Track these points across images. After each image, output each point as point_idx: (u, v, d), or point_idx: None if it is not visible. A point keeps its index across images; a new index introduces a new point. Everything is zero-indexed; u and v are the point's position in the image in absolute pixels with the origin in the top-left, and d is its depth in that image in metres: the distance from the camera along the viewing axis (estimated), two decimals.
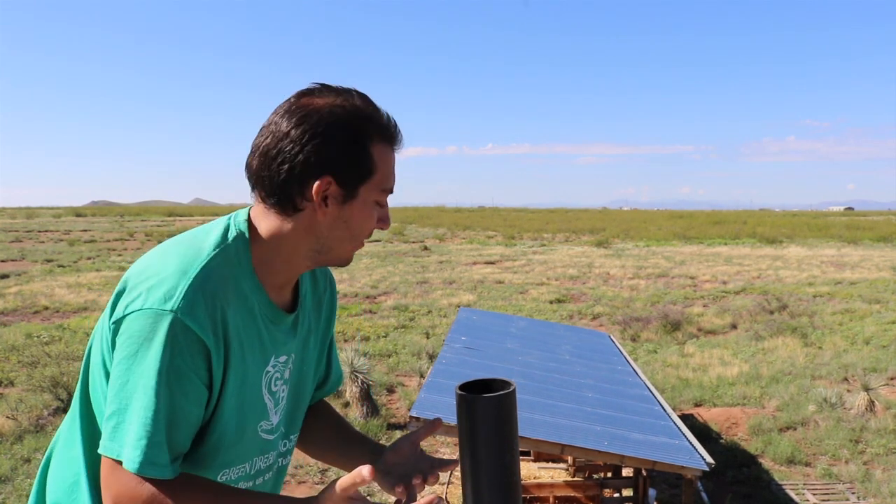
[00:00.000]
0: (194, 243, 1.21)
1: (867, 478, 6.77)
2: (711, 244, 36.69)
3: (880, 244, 35.82)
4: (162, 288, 1.12)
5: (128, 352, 1.12)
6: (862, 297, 16.98)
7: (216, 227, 1.25)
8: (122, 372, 1.12)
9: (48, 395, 8.08)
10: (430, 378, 5.17)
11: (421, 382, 9.10)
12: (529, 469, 6.65)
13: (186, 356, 1.12)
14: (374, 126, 1.21)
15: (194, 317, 1.11)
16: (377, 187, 1.22)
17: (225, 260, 1.19)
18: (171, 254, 1.19)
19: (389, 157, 1.23)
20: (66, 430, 1.32)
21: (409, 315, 14.84)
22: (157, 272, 1.15)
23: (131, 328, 1.12)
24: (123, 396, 1.11)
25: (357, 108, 1.20)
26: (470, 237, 41.38)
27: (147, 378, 1.10)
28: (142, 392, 1.10)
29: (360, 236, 1.25)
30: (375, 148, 1.21)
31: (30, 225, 48.70)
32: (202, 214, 74.54)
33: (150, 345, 1.10)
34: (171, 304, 1.10)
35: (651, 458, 4.29)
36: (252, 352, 1.24)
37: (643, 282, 20.63)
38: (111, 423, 1.12)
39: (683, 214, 78.18)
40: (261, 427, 1.31)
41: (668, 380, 9.99)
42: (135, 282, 1.16)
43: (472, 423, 1.34)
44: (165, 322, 1.10)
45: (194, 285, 1.13)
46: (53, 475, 1.30)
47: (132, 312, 1.12)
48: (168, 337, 1.10)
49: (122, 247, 31.44)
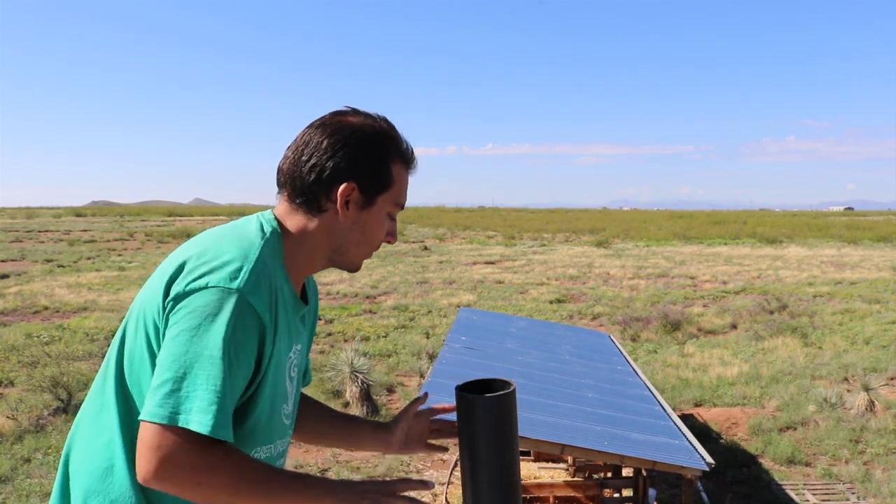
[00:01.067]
0: (244, 233, 1.31)
1: (867, 478, 6.77)
2: (711, 244, 36.69)
3: (880, 244, 35.82)
4: (227, 268, 1.21)
5: (190, 324, 1.18)
6: (862, 297, 16.98)
7: (251, 222, 1.35)
8: (181, 343, 1.17)
9: (48, 395, 8.07)
10: (430, 378, 5.17)
11: (421, 382, 9.10)
12: (529, 469, 6.64)
13: (247, 332, 1.20)
14: (395, 147, 1.37)
15: (257, 296, 1.21)
16: (392, 200, 1.38)
17: (270, 250, 1.30)
18: (226, 240, 1.28)
19: (405, 177, 1.39)
20: (89, 419, 1.33)
21: (409, 315, 14.84)
22: (218, 255, 1.23)
23: (195, 303, 1.18)
24: (182, 365, 1.16)
25: (384, 129, 1.37)
26: (470, 237, 41.38)
27: (212, 349, 1.16)
28: (207, 362, 1.16)
29: (372, 243, 1.39)
30: (395, 166, 1.37)
31: (30, 225, 48.69)
32: (202, 214, 74.53)
33: (216, 319, 1.17)
34: (237, 282, 1.19)
35: (651, 458, 4.29)
36: (284, 338, 1.33)
37: (643, 282, 20.63)
38: (164, 389, 1.15)
39: (683, 214, 78.17)
40: (283, 410, 1.39)
41: (668, 380, 9.99)
42: (196, 263, 1.23)
43: (472, 423, 1.34)
44: (232, 299, 1.18)
45: (256, 268, 1.23)
46: (81, 466, 1.31)
47: (198, 290, 1.19)
48: (234, 312, 1.18)
49: (122, 247, 31.42)
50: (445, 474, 6.70)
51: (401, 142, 1.38)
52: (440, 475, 6.79)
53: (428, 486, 1.35)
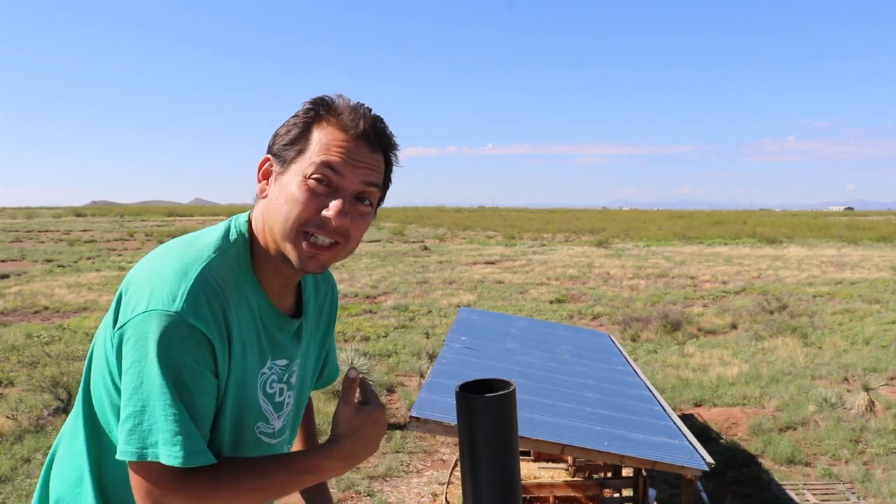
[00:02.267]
0: (193, 245, 1.23)
1: (867, 478, 6.77)
2: (711, 244, 36.68)
3: (880, 244, 35.81)
4: (164, 290, 1.13)
5: (138, 355, 1.12)
6: (862, 297, 16.98)
7: (217, 229, 1.28)
8: (134, 375, 1.12)
9: (48, 395, 8.07)
10: (430, 378, 5.17)
11: (421, 382, 9.10)
12: (529, 469, 6.64)
13: (196, 354, 1.13)
14: (325, 109, 1.21)
15: (199, 316, 1.12)
16: (307, 162, 1.19)
17: (225, 261, 1.21)
18: (170, 257, 1.20)
19: (334, 138, 1.19)
20: (69, 428, 1.33)
21: (409, 315, 14.83)
22: (157, 275, 1.16)
23: (138, 332, 1.12)
24: (139, 398, 1.12)
25: (323, 97, 1.23)
26: (470, 237, 41.37)
27: (162, 378, 1.11)
28: (159, 392, 1.11)
29: (292, 215, 1.18)
30: (319, 126, 1.21)
31: (30, 225, 48.69)
32: (202, 214, 74.53)
33: (159, 346, 1.11)
34: (175, 305, 1.12)
35: (651, 458, 4.29)
36: (251, 352, 1.25)
37: (643, 282, 20.63)
38: (128, 425, 1.12)
39: (683, 214, 78.17)
40: (258, 429, 1.31)
41: (668, 380, 9.99)
42: (136, 287, 1.17)
43: (472, 423, 1.35)
44: (171, 323, 1.11)
45: (195, 286, 1.14)
46: (57, 472, 1.31)
47: (136, 316, 1.13)
48: (177, 337, 1.11)
49: (122, 247, 31.43)
50: (445, 474, 6.70)
51: (340, 105, 1.21)
52: (440, 475, 6.79)
53: (349, 374, 1.26)
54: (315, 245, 1.19)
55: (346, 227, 1.19)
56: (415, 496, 6.34)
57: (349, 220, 1.19)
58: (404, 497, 6.31)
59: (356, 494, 6.29)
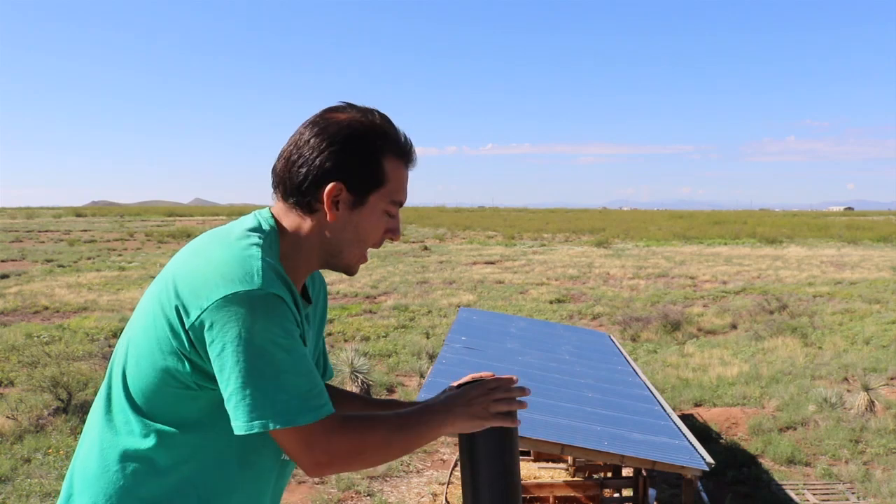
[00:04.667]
0: (234, 233, 1.28)
1: (867, 478, 6.77)
2: (711, 244, 36.68)
3: (880, 244, 35.81)
4: (237, 272, 1.18)
5: (232, 335, 1.16)
6: (862, 297, 16.98)
7: (247, 221, 1.32)
8: (232, 353, 1.16)
9: (48, 395, 8.07)
10: (430, 378, 5.17)
11: (421, 382, 9.10)
12: (529, 469, 6.64)
13: (287, 322, 1.20)
14: (388, 142, 1.31)
15: (277, 288, 1.19)
16: (387, 197, 1.32)
17: (268, 247, 1.28)
18: (222, 246, 1.25)
19: (401, 173, 1.33)
20: (98, 428, 1.31)
21: (409, 315, 14.84)
22: (220, 262, 1.21)
23: (225, 315, 1.16)
24: (247, 373, 1.16)
25: (375, 124, 1.31)
26: (470, 237, 41.38)
27: (268, 347, 1.16)
28: (267, 362, 1.16)
29: (367, 241, 1.34)
30: (388, 161, 1.31)
31: (30, 225, 48.67)
32: (202, 214, 74.52)
33: (256, 321, 1.16)
34: (256, 282, 1.17)
35: (651, 458, 4.29)
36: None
37: (643, 282, 20.63)
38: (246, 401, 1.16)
39: (683, 214, 78.17)
40: None
41: (668, 380, 9.99)
42: (198, 277, 1.20)
43: None
44: (259, 297, 1.16)
45: (265, 263, 1.21)
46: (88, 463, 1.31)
47: (215, 301, 1.16)
48: (269, 309, 1.17)
49: (122, 247, 31.41)
50: (445, 474, 6.70)
51: (395, 135, 1.33)
52: (440, 475, 6.79)
53: (523, 389, 1.43)
54: (366, 256, 1.38)
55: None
56: (415, 496, 6.34)
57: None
58: (404, 497, 6.31)
59: (356, 494, 6.29)
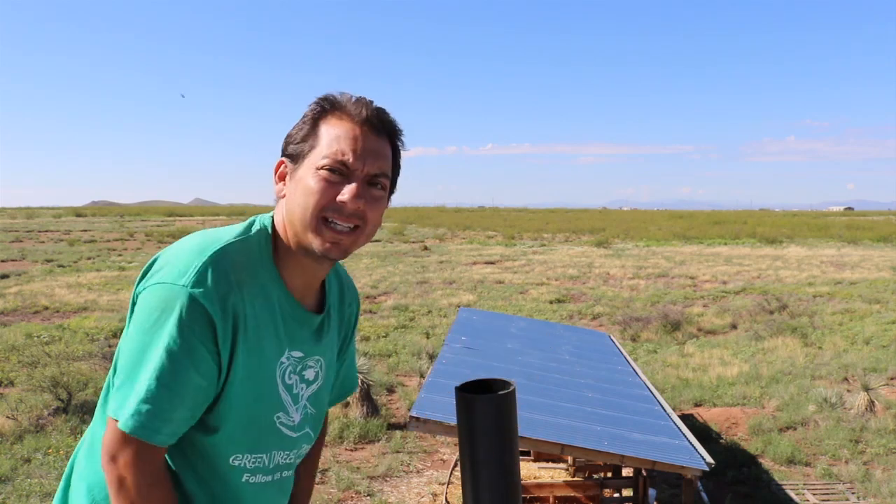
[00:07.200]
0: (218, 232, 1.30)
1: (867, 478, 6.77)
2: (711, 244, 36.68)
3: (880, 244, 35.81)
4: (178, 265, 1.20)
5: (141, 322, 1.19)
6: (862, 297, 16.98)
7: (243, 222, 1.34)
8: (132, 341, 1.20)
9: (48, 395, 8.07)
10: (430, 378, 5.17)
11: (421, 382, 9.10)
12: (529, 469, 6.64)
13: (196, 329, 1.18)
14: (329, 105, 1.28)
15: (205, 293, 1.18)
16: (319, 155, 1.24)
17: (244, 248, 1.27)
18: (194, 238, 1.28)
19: (341, 130, 1.25)
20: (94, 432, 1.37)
21: (409, 315, 14.84)
22: (176, 252, 1.24)
23: (148, 301, 1.20)
24: (132, 363, 1.19)
25: (327, 95, 1.29)
26: (470, 237, 41.37)
27: (158, 348, 1.17)
28: (151, 361, 1.17)
29: (308, 208, 1.23)
30: (327, 122, 1.27)
31: (30, 225, 48.68)
32: (202, 214, 74.55)
33: (163, 317, 1.17)
34: (184, 279, 1.18)
35: (651, 458, 4.29)
36: (269, 339, 1.28)
37: (643, 282, 20.63)
38: (116, 386, 1.21)
39: (683, 214, 78.17)
40: (278, 419, 1.34)
41: (668, 380, 9.99)
42: (160, 262, 1.24)
43: (471, 423, 1.34)
44: (178, 296, 1.17)
45: (206, 264, 1.20)
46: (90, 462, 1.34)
47: (149, 286, 1.21)
48: (179, 311, 1.17)
49: (122, 247, 31.43)
50: (445, 474, 6.70)
51: (344, 99, 1.28)
52: (440, 475, 6.79)
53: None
54: (336, 231, 1.24)
55: (362, 209, 1.24)
56: (415, 496, 6.34)
57: (363, 202, 1.24)
58: (404, 497, 6.31)
59: (356, 494, 6.29)
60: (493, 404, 1.32)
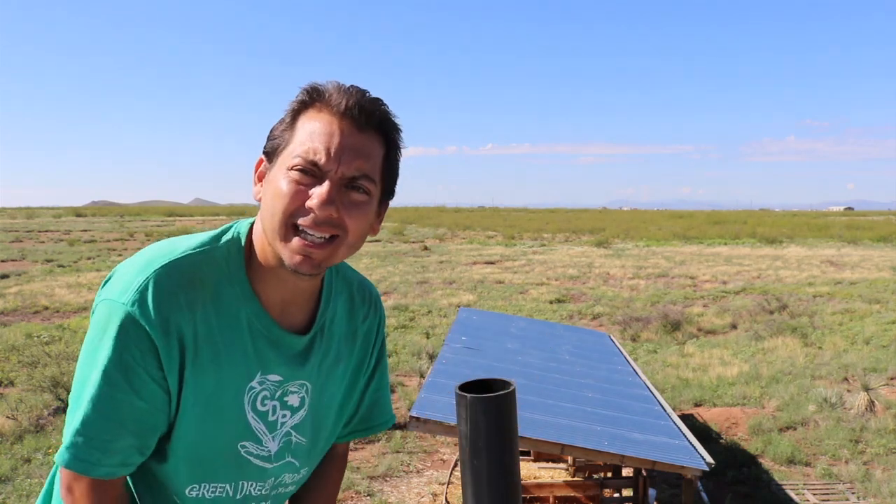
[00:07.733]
0: (175, 243, 1.17)
1: (867, 478, 6.77)
2: (711, 244, 36.68)
3: (880, 244, 35.81)
4: (121, 281, 1.10)
5: (87, 341, 1.12)
6: (862, 297, 16.98)
7: (215, 230, 1.21)
8: (79, 361, 1.13)
9: (48, 395, 8.07)
10: (430, 378, 5.17)
11: (421, 382, 9.10)
12: (529, 469, 6.64)
13: (135, 352, 1.08)
14: (311, 94, 1.12)
15: (144, 312, 1.07)
16: (290, 154, 1.10)
17: (204, 261, 1.14)
18: (147, 250, 1.16)
19: (318, 124, 1.09)
20: None
21: (409, 315, 14.83)
22: (127, 267, 1.13)
23: (94, 319, 1.12)
24: (76, 387, 1.12)
25: (312, 84, 1.13)
26: (470, 237, 41.37)
27: (96, 371, 1.08)
28: (90, 386, 1.08)
29: (276, 212, 1.09)
30: (305, 116, 1.11)
31: (30, 225, 48.68)
32: (202, 214, 74.55)
33: (104, 337, 1.08)
34: (125, 297, 1.08)
35: (651, 458, 4.29)
36: (231, 362, 1.15)
37: (643, 282, 20.62)
38: (67, 412, 1.14)
39: (683, 214, 78.18)
40: (243, 448, 1.21)
41: (668, 380, 9.99)
42: (113, 276, 1.15)
43: (471, 423, 1.34)
44: (117, 315, 1.07)
45: (150, 280, 1.08)
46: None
47: (99, 302, 1.12)
48: (117, 330, 1.07)
49: (122, 247, 31.42)
50: (445, 474, 6.70)
51: (321, 86, 1.11)
52: (440, 475, 6.79)
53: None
54: (307, 242, 1.08)
55: (333, 216, 1.07)
56: (415, 496, 6.34)
57: (335, 208, 1.07)
58: (404, 497, 6.31)
59: (356, 494, 6.29)
60: (493, 404, 1.32)
